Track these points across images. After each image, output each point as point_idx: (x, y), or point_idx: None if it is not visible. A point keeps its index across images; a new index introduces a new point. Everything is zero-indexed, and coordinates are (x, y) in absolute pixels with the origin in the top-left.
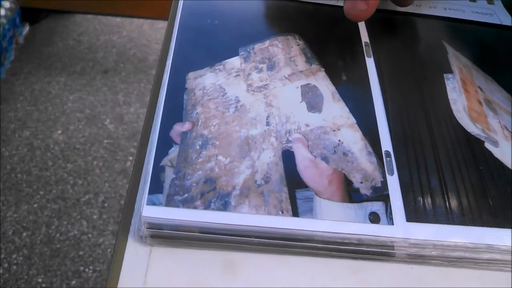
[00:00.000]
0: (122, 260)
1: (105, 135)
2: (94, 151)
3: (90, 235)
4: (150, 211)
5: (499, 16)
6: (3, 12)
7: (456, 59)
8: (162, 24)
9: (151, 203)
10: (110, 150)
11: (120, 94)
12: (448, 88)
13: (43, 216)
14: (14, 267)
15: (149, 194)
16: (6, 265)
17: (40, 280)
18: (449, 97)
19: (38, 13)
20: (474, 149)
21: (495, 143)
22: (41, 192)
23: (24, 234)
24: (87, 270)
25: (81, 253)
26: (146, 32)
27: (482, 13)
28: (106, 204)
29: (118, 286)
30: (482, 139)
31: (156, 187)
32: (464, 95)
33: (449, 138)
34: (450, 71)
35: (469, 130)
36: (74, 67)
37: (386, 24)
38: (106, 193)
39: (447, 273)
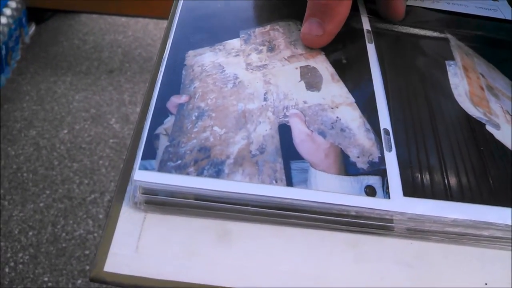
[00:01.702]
0: (115, 226)
1: (111, 134)
2: (100, 150)
3: (96, 234)
4: (142, 176)
5: (502, 11)
6: (9, 12)
7: (458, 48)
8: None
9: (143, 168)
10: (115, 149)
11: (126, 93)
12: (449, 73)
13: (49, 215)
14: (20, 266)
15: (142, 159)
16: (12, 264)
17: (46, 279)
18: (451, 82)
19: (44, 13)
20: (474, 131)
21: (497, 126)
22: (47, 192)
23: (30, 233)
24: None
25: (87, 252)
26: (152, 32)
27: (485, 8)
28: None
29: (110, 251)
30: (483, 121)
31: (149, 153)
32: (466, 81)
33: (450, 119)
34: (452, 58)
35: (470, 113)
36: (79, 66)
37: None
38: (111, 192)
39: (448, 250)
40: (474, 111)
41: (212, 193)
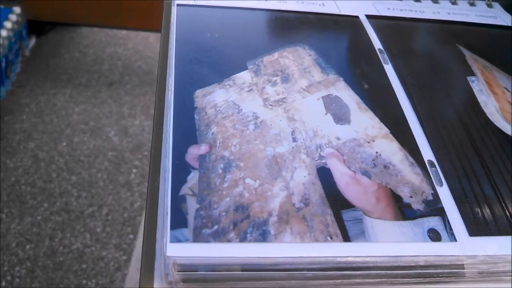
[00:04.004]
0: None
1: (110, 147)
2: (99, 163)
3: (93, 248)
4: (175, 250)
5: (502, 18)
6: (9, 25)
7: (474, 61)
8: None
9: (175, 240)
10: (114, 162)
11: (125, 106)
12: (475, 91)
13: (46, 229)
14: (17, 279)
15: (171, 229)
16: (9, 277)
17: None
18: (479, 100)
19: (45, 25)
20: None
21: None
22: (45, 204)
23: (28, 246)
24: (89, 283)
25: (84, 266)
26: (152, 45)
27: (485, 16)
28: (109, 217)
29: None
30: None
31: (178, 220)
32: (493, 97)
33: (491, 143)
34: (472, 73)
35: (508, 133)
36: (79, 79)
37: (395, 30)
38: (110, 205)
39: None
40: (511, 130)
41: (261, 260)
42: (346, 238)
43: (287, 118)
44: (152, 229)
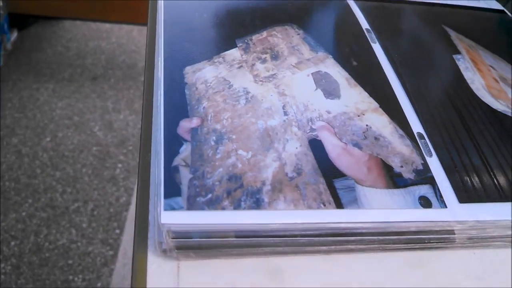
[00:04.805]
0: (145, 283)
1: (94, 142)
2: (83, 158)
3: (79, 244)
4: (170, 217)
5: (486, 1)
6: None
7: (460, 41)
8: None
9: (169, 208)
10: (99, 157)
11: (109, 101)
12: (461, 68)
13: (31, 225)
14: (2, 276)
15: (165, 198)
16: None
17: None
18: (465, 77)
19: (27, 19)
20: (505, 125)
21: None
22: (30, 200)
23: (13, 243)
24: (76, 279)
25: (70, 262)
26: (136, 38)
27: None
28: (95, 212)
29: None
30: (509, 114)
31: (172, 189)
32: (478, 74)
33: (478, 117)
34: (457, 52)
35: (494, 107)
36: (62, 73)
37: (382, 11)
38: (95, 201)
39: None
40: (497, 105)
41: (255, 227)
42: (339, 205)
43: (278, 93)
44: (144, 199)
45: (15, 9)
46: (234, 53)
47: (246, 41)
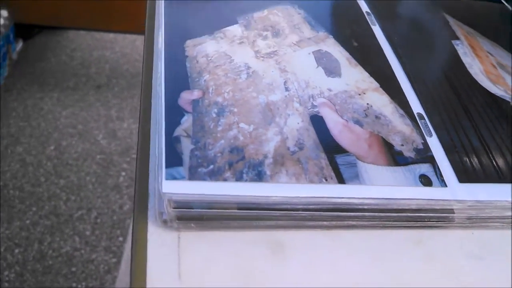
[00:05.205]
0: (145, 253)
1: (98, 150)
2: (87, 166)
3: (83, 251)
4: (171, 187)
5: None
6: None
7: (458, 27)
8: None
9: (171, 177)
10: (102, 165)
11: (113, 109)
12: (459, 53)
13: (35, 233)
14: (6, 284)
15: (166, 167)
16: None
17: None
18: (464, 61)
19: (32, 29)
20: (502, 109)
21: None
22: (34, 208)
23: (16, 250)
24: (79, 286)
25: (73, 269)
26: (139, 48)
27: None
28: (98, 220)
29: (147, 285)
30: (507, 99)
31: (173, 159)
32: (477, 60)
33: (477, 100)
34: (456, 37)
35: (492, 91)
36: (67, 82)
37: None
38: (99, 208)
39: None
40: (496, 90)
41: (257, 199)
42: (341, 180)
43: (279, 70)
44: (144, 170)
45: (21, 20)
46: (235, 29)
47: (247, 18)
